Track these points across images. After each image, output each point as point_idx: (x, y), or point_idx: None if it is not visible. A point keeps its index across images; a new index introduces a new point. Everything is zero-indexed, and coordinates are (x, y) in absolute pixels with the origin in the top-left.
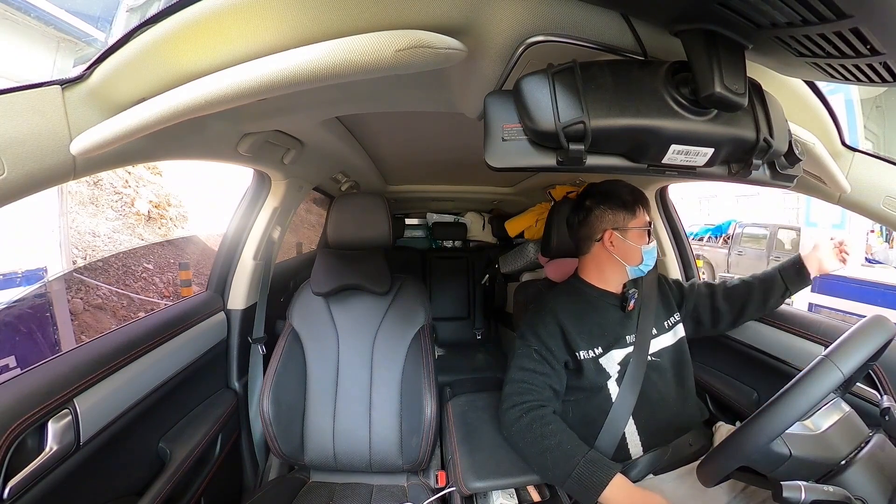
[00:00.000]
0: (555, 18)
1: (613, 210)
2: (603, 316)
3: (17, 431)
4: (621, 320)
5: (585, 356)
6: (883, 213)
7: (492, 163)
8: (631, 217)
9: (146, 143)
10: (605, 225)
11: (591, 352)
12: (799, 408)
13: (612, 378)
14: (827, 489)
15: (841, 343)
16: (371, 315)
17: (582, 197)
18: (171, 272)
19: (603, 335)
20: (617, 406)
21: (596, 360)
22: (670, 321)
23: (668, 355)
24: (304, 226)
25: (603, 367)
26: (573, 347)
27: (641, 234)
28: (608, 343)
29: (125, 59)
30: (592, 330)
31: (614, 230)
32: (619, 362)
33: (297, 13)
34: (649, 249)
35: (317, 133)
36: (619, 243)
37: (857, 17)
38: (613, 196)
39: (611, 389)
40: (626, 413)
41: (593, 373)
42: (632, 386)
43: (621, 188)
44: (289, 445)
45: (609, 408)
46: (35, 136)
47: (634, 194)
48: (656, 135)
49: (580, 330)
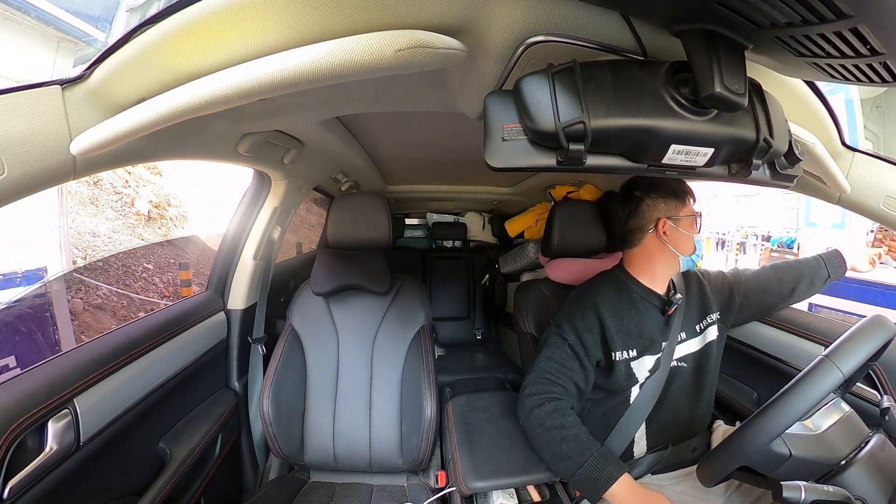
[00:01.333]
0: (555, 18)
1: (665, 199)
2: (643, 317)
3: (18, 431)
4: (659, 324)
5: (620, 357)
6: (883, 213)
7: (492, 163)
8: (682, 205)
9: (146, 143)
10: (657, 214)
11: (626, 353)
12: (799, 408)
13: (639, 383)
14: (827, 489)
15: (841, 343)
16: (371, 315)
17: (628, 189)
18: (171, 272)
19: (640, 337)
20: (633, 409)
21: (628, 363)
22: (702, 324)
23: (692, 362)
24: (304, 226)
25: (633, 372)
26: (610, 346)
27: (692, 223)
28: (643, 346)
29: (125, 59)
30: (631, 330)
31: (668, 219)
32: (650, 368)
33: (298, 13)
34: (698, 238)
35: (317, 133)
36: (672, 232)
37: (856, 17)
38: (663, 185)
39: (632, 393)
40: (640, 417)
41: (623, 376)
42: (652, 391)
43: (667, 178)
44: (289, 445)
45: (625, 410)
46: (35, 136)
47: (681, 184)
48: (656, 135)
49: (619, 328)
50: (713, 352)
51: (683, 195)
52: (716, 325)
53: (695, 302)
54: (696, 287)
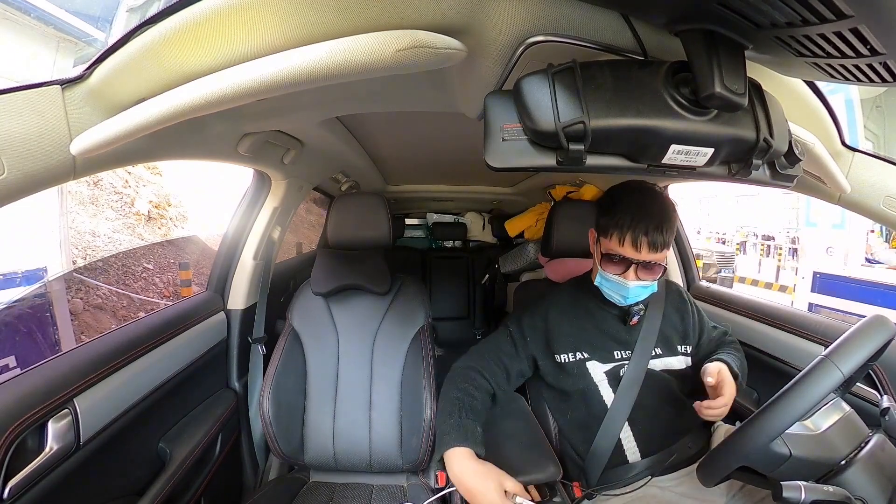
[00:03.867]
0: (555, 18)
1: (601, 212)
2: (600, 325)
3: (18, 431)
4: (620, 332)
5: (570, 359)
6: (883, 212)
7: (492, 163)
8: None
9: (146, 143)
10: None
11: (576, 355)
12: (799, 408)
13: (599, 384)
14: (827, 489)
15: (841, 343)
16: (371, 315)
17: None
18: (171, 272)
19: (591, 343)
20: (612, 413)
21: (581, 364)
22: (680, 348)
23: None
24: (304, 225)
25: (588, 372)
26: (552, 348)
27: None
28: (595, 351)
29: (125, 59)
30: (578, 335)
31: (596, 232)
32: (606, 371)
33: (297, 13)
34: (606, 276)
35: (317, 133)
36: (594, 247)
37: (856, 17)
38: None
39: (605, 396)
40: (621, 419)
41: (576, 375)
42: (627, 393)
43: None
44: (289, 445)
45: (604, 414)
46: (35, 137)
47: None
48: (656, 135)
49: (562, 332)
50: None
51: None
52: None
53: (674, 319)
54: (677, 303)
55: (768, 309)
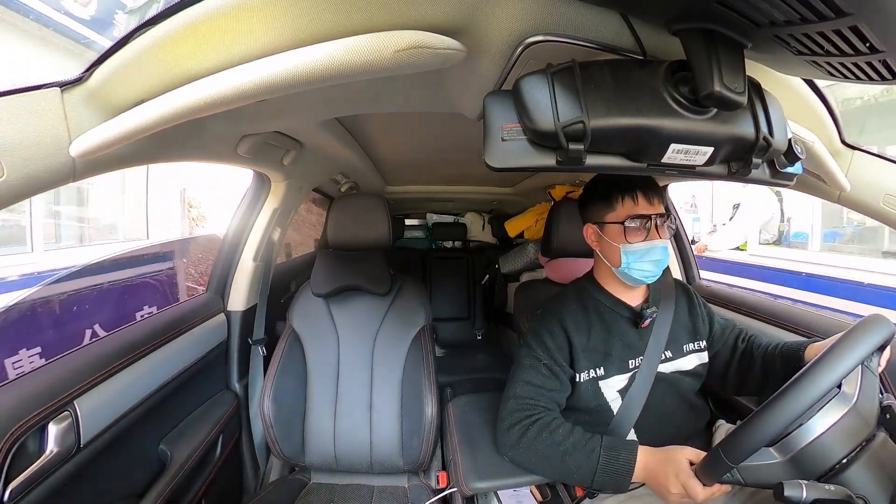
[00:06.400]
0: (554, 18)
1: (595, 202)
2: (611, 331)
3: (18, 434)
4: (632, 337)
5: (585, 378)
6: (882, 211)
7: (491, 163)
8: (609, 210)
9: (146, 144)
10: (588, 217)
11: (592, 372)
12: (799, 406)
13: (611, 403)
14: (828, 488)
15: (841, 342)
16: (371, 316)
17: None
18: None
19: (608, 354)
20: (618, 419)
21: (595, 382)
22: (690, 346)
23: (682, 376)
24: (304, 225)
25: (601, 391)
26: (574, 368)
27: (620, 231)
28: (611, 365)
29: (124, 61)
30: (597, 347)
31: (595, 224)
32: (620, 389)
33: (297, 14)
34: (633, 250)
35: (316, 134)
36: (599, 240)
37: (855, 15)
38: (598, 187)
39: (612, 405)
40: (627, 425)
41: (590, 395)
42: (635, 401)
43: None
44: (289, 447)
45: (610, 420)
46: (34, 139)
47: (619, 182)
48: (656, 134)
49: (585, 346)
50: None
51: (613, 198)
52: (706, 353)
53: (683, 316)
54: (685, 300)
55: (769, 307)
